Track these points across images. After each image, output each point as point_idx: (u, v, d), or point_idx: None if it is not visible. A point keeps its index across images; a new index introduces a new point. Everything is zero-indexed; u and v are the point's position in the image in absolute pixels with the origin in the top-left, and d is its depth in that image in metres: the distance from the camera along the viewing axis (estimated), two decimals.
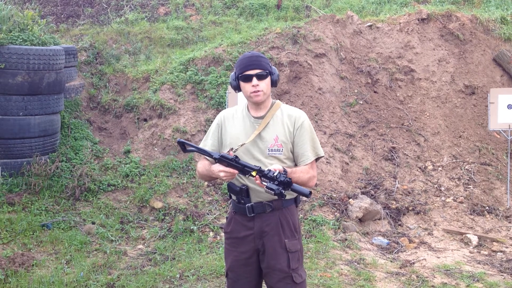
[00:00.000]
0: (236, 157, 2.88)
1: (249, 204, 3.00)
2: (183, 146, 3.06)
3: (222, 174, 2.89)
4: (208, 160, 3.07)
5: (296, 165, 3.06)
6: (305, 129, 3.03)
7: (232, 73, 3.07)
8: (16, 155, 6.54)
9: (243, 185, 3.00)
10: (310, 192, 2.73)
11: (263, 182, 2.78)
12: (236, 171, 2.87)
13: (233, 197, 3.07)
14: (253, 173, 2.80)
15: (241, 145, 2.96)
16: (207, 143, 3.15)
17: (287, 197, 3.00)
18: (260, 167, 2.82)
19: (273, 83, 3.04)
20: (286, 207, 3.03)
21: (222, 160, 2.89)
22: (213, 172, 2.95)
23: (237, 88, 3.06)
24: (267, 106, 3.06)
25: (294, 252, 3.02)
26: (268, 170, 2.77)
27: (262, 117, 3.03)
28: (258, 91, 2.96)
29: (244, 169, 2.84)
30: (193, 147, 3.03)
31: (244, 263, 3.07)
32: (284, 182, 2.71)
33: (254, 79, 2.95)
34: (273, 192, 2.72)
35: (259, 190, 2.96)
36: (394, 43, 8.73)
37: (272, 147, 2.98)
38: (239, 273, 3.09)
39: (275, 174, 2.74)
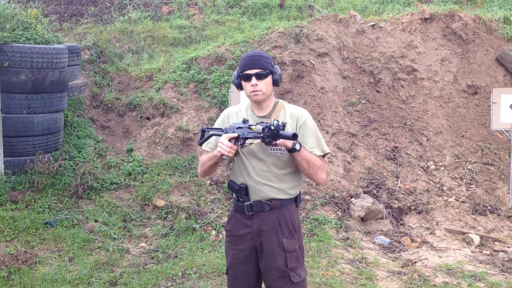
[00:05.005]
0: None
1: (247, 203, 3.00)
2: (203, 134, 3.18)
3: (224, 140, 2.89)
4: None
5: None
6: (308, 127, 3.03)
7: (235, 71, 3.08)
8: (19, 153, 6.57)
9: (242, 184, 3.01)
10: (294, 134, 2.77)
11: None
12: (235, 147, 2.88)
13: (233, 195, 3.09)
14: (253, 127, 2.85)
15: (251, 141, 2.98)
16: (210, 138, 3.17)
17: (286, 197, 3.01)
18: (267, 123, 2.83)
19: (275, 83, 3.03)
20: (285, 206, 3.02)
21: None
22: (215, 151, 2.97)
23: (239, 86, 3.07)
24: (270, 105, 3.06)
25: (292, 252, 3.01)
26: (271, 124, 2.80)
27: (265, 117, 3.04)
28: (257, 91, 2.96)
29: (249, 127, 2.88)
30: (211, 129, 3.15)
31: (243, 261, 3.07)
32: (272, 132, 2.76)
33: (253, 78, 2.94)
34: (258, 135, 2.80)
35: (258, 189, 2.98)
36: (396, 42, 8.73)
37: (274, 147, 2.98)
38: (238, 271, 3.10)
39: (273, 125, 2.78)
